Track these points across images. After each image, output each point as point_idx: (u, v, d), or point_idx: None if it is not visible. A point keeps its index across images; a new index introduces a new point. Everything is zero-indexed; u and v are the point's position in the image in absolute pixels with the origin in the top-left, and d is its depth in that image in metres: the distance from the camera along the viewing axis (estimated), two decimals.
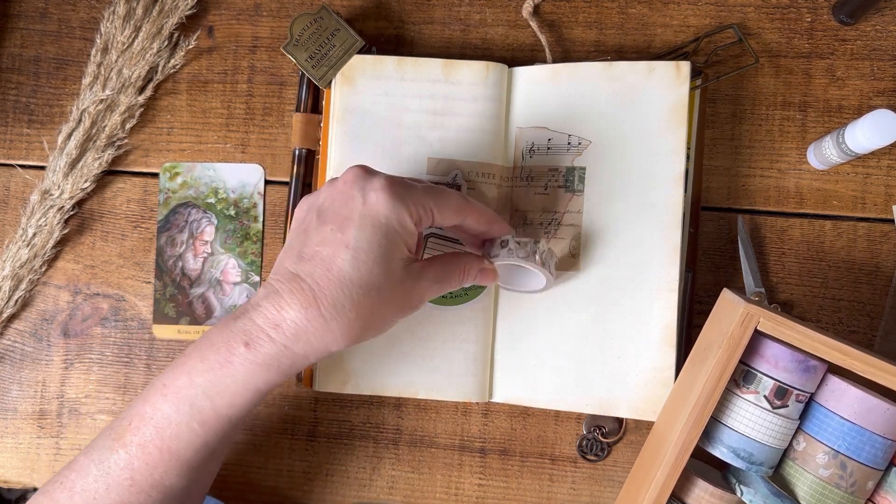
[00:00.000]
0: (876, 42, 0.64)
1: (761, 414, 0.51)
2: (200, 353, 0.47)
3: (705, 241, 0.63)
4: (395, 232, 0.47)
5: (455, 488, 0.63)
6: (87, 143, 0.65)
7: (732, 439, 0.52)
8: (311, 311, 0.46)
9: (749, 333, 0.50)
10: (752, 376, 0.52)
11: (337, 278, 0.46)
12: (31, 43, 0.68)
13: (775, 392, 0.51)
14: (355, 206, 0.47)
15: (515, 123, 0.62)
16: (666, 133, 0.59)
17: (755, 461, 0.52)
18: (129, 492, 0.47)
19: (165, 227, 0.66)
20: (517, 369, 0.61)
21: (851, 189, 0.63)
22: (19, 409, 0.65)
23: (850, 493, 0.51)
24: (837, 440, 0.51)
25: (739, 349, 0.50)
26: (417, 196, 0.49)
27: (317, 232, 0.48)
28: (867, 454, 0.50)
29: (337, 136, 0.62)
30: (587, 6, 0.65)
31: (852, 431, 0.50)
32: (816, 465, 0.51)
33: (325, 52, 0.62)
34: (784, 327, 0.49)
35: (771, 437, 0.51)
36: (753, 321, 0.49)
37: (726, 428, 0.52)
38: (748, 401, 0.52)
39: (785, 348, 0.51)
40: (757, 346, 0.52)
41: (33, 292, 0.66)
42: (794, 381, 0.51)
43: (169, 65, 0.66)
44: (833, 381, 0.52)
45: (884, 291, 0.62)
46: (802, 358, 0.51)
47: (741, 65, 0.64)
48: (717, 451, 0.53)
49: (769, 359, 0.51)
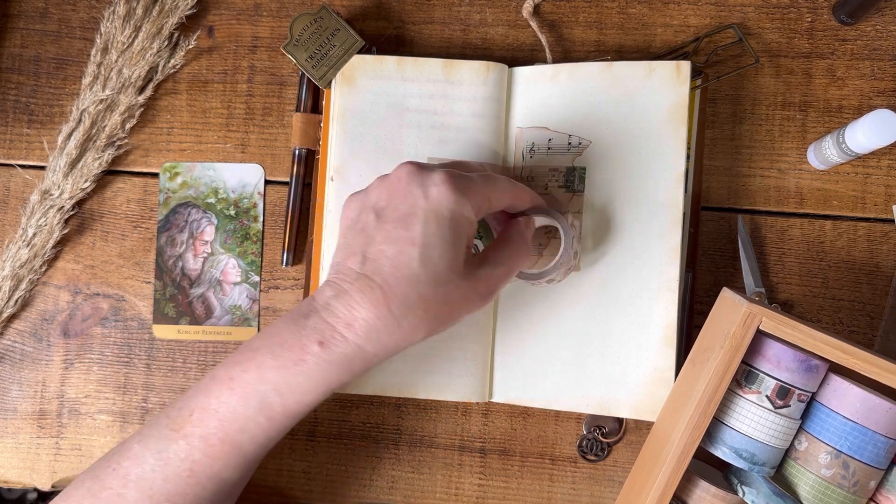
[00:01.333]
0: (876, 42, 0.64)
1: (763, 414, 0.51)
2: (270, 349, 0.47)
3: (705, 241, 0.63)
4: (460, 225, 0.47)
5: (455, 488, 0.63)
6: (87, 143, 0.65)
7: (734, 440, 0.52)
8: (382, 310, 0.46)
9: (751, 333, 0.49)
10: (753, 376, 0.52)
11: (405, 276, 0.46)
12: (32, 43, 0.68)
13: (777, 392, 0.51)
14: (417, 203, 0.47)
15: (515, 123, 0.62)
16: (666, 133, 0.59)
17: (757, 461, 0.51)
18: (186, 483, 0.47)
19: (165, 227, 0.66)
20: (517, 369, 0.61)
21: (852, 189, 0.63)
22: (19, 409, 0.65)
23: (853, 493, 0.51)
24: (840, 440, 0.51)
25: (742, 349, 0.50)
26: (476, 187, 0.49)
27: (378, 231, 0.47)
28: (869, 454, 0.50)
29: (337, 135, 0.62)
30: (587, 6, 0.65)
31: (854, 431, 0.50)
32: (819, 465, 0.51)
33: (326, 52, 0.62)
34: (786, 327, 0.49)
35: (773, 437, 0.51)
36: (756, 321, 0.49)
37: (728, 428, 0.52)
38: (750, 401, 0.52)
39: (787, 348, 0.51)
40: (758, 345, 0.52)
41: (33, 292, 0.66)
42: (796, 380, 0.51)
43: (169, 65, 0.66)
44: (835, 381, 0.52)
45: (884, 291, 0.62)
46: (804, 357, 0.51)
47: (741, 65, 0.64)
48: (718, 451, 0.53)
49: (771, 358, 0.51)
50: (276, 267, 0.65)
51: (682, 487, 0.55)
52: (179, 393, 0.65)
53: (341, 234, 0.51)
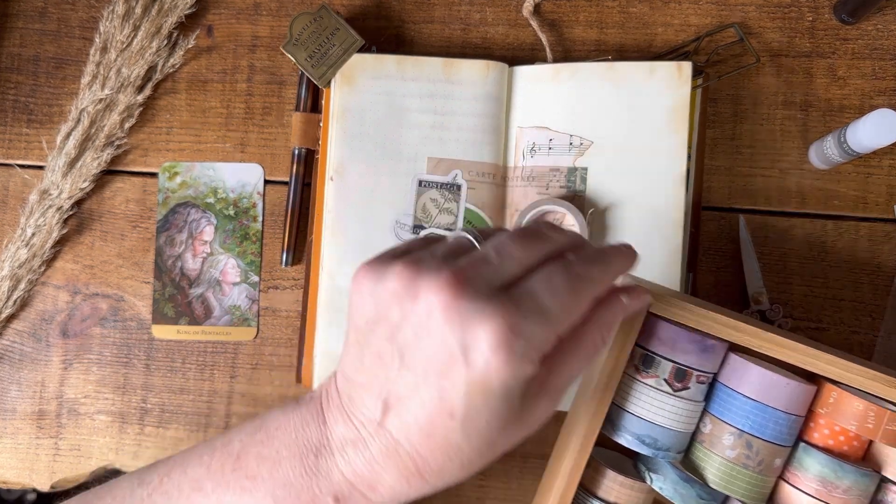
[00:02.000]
0: (877, 41, 0.63)
1: (663, 398, 0.50)
2: (271, 487, 0.39)
3: (706, 241, 0.63)
4: (516, 392, 0.36)
5: (455, 488, 0.63)
6: (86, 142, 0.65)
7: (636, 426, 0.51)
8: (414, 480, 0.37)
9: (641, 316, 0.49)
10: (650, 360, 0.51)
11: (442, 448, 0.37)
12: (30, 42, 0.67)
13: (675, 374, 0.50)
14: (456, 370, 0.35)
15: (516, 123, 0.62)
16: (667, 133, 0.59)
17: (661, 447, 0.51)
18: None
19: (164, 227, 0.66)
20: None
21: (853, 189, 0.63)
22: (18, 409, 0.65)
23: (759, 473, 0.50)
24: (742, 419, 0.50)
25: (633, 332, 0.49)
26: (536, 338, 0.36)
27: (399, 375, 0.37)
28: (771, 431, 0.50)
29: (337, 135, 0.62)
30: (588, 5, 0.65)
31: (755, 409, 0.50)
32: (723, 446, 0.51)
33: (325, 52, 0.62)
34: (675, 308, 0.49)
35: (675, 421, 0.51)
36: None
37: (629, 415, 0.52)
38: (649, 385, 0.51)
39: (681, 329, 0.50)
40: (655, 329, 0.51)
41: (32, 292, 0.66)
42: (693, 362, 0.50)
43: (168, 64, 0.65)
44: (733, 360, 0.51)
45: (885, 291, 0.62)
46: (699, 338, 0.50)
47: (742, 64, 0.64)
48: (621, 438, 0.52)
49: (666, 341, 0.50)
50: (275, 267, 0.65)
51: (591, 479, 0.54)
52: (178, 393, 0.65)
53: (351, 329, 0.39)
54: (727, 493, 0.50)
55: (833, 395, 0.50)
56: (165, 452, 0.64)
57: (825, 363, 0.49)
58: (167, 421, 0.65)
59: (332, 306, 0.61)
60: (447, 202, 0.61)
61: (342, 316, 0.61)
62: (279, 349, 0.65)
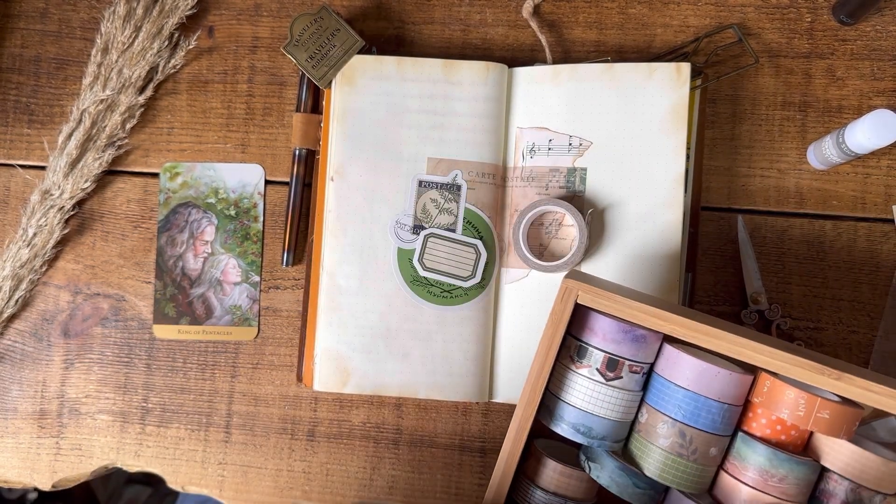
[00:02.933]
0: (876, 42, 0.64)
1: (595, 387, 0.51)
2: None
3: (705, 242, 0.63)
4: None
5: (455, 488, 0.63)
6: (87, 143, 0.65)
7: (571, 415, 0.52)
8: None
9: (570, 307, 0.50)
10: (583, 350, 0.52)
11: None
12: (32, 43, 0.68)
13: (606, 364, 0.51)
14: None
15: (516, 123, 0.62)
16: (666, 134, 0.59)
17: (595, 436, 0.51)
18: None
19: (166, 227, 0.66)
20: (517, 369, 0.61)
21: (851, 189, 0.63)
22: (19, 408, 0.65)
23: (693, 461, 0.50)
24: (674, 408, 0.50)
25: (563, 323, 0.50)
26: None
27: None
28: (704, 420, 0.50)
29: (337, 136, 0.62)
30: (587, 6, 0.65)
31: (687, 398, 0.50)
32: (658, 435, 0.51)
33: (326, 53, 0.62)
34: (602, 298, 0.50)
35: (608, 410, 0.51)
36: (573, 295, 0.50)
37: (565, 404, 0.52)
38: (582, 375, 0.52)
39: (610, 320, 0.51)
40: (587, 320, 0.52)
41: (33, 292, 0.66)
42: (624, 351, 0.51)
43: (169, 65, 0.66)
44: (667, 350, 0.52)
45: (884, 291, 0.62)
46: (628, 328, 0.51)
47: (741, 65, 0.64)
48: (558, 427, 0.53)
49: (597, 332, 0.51)
50: (276, 267, 0.65)
51: (535, 469, 0.55)
52: (179, 393, 0.65)
53: None
54: (664, 482, 0.51)
55: (767, 383, 0.50)
56: (167, 452, 0.65)
57: (752, 351, 0.49)
58: (168, 420, 0.65)
59: (332, 306, 0.61)
60: (447, 202, 0.61)
61: (342, 316, 0.61)
62: (280, 349, 0.65)
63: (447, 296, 0.61)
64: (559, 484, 0.54)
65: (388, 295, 0.61)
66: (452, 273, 0.61)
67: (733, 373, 0.50)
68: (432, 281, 0.61)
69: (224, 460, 0.64)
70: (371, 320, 0.61)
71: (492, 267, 0.62)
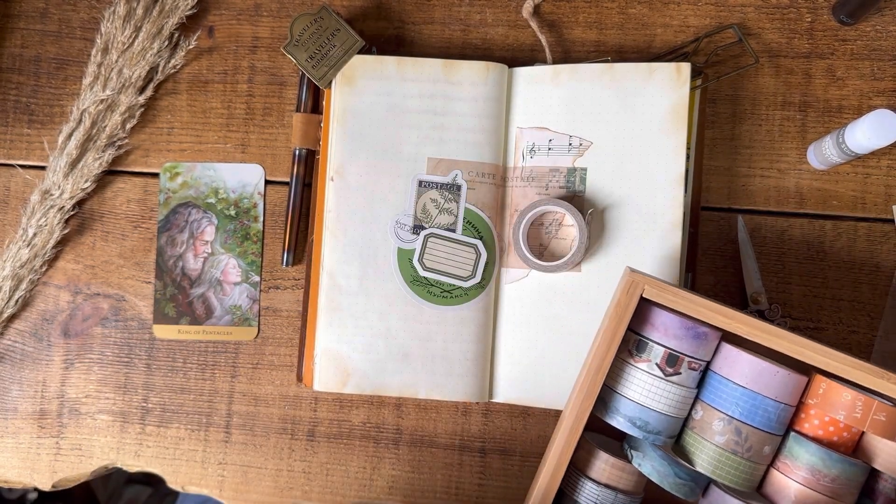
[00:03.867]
0: (876, 42, 0.64)
1: (654, 382, 0.52)
2: None
3: (705, 242, 0.63)
4: None
5: (455, 488, 0.63)
6: (87, 143, 0.65)
7: (628, 408, 0.52)
8: None
9: (635, 300, 0.50)
10: (643, 345, 0.52)
11: None
12: (32, 43, 0.68)
13: (666, 359, 0.51)
14: None
15: (516, 123, 0.62)
16: (666, 134, 0.59)
17: (651, 430, 0.52)
18: None
19: (166, 227, 0.66)
20: (517, 369, 0.61)
21: (851, 189, 0.63)
22: (19, 408, 0.66)
23: (747, 459, 0.51)
24: (731, 406, 0.51)
25: (626, 316, 0.51)
26: None
27: None
28: (760, 418, 0.51)
29: (337, 136, 0.62)
30: (587, 6, 0.65)
31: (745, 396, 0.51)
32: (713, 432, 0.52)
33: (326, 53, 0.62)
34: (668, 293, 0.50)
35: (666, 405, 0.52)
36: (639, 288, 0.50)
37: (622, 397, 0.53)
38: (641, 369, 0.52)
39: (673, 315, 0.51)
40: (648, 315, 0.52)
41: (34, 292, 0.66)
42: (685, 348, 0.51)
43: (169, 65, 0.66)
44: (725, 348, 0.53)
45: (884, 291, 0.62)
46: (691, 324, 0.51)
47: (741, 65, 0.64)
48: (614, 420, 0.53)
49: (659, 327, 0.52)
50: (276, 267, 0.65)
51: (585, 462, 0.55)
52: (179, 393, 0.65)
53: None
54: (716, 478, 0.51)
55: (822, 385, 0.51)
56: (167, 452, 0.65)
57: (813, 352, 0.50)
58: (168, 420, 0.65)
59: (332, 306, 0.61)
60: (447, 202, 0.61)
61: (342, 316, 0.61)
62: (280, 349, 0.65)
63: (447, 296, 0.61)
64: (611, 476, 0.55)
65: (388, 295, 0.61)
66: (452, 273, 0.61)
67: (792, 373, 0.50)
68: (432, 281, 0.61)
69: (224, 460, 0.64)
70: (371, 320, 0.61)
71: (492, 267, 0.62)
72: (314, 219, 0.63)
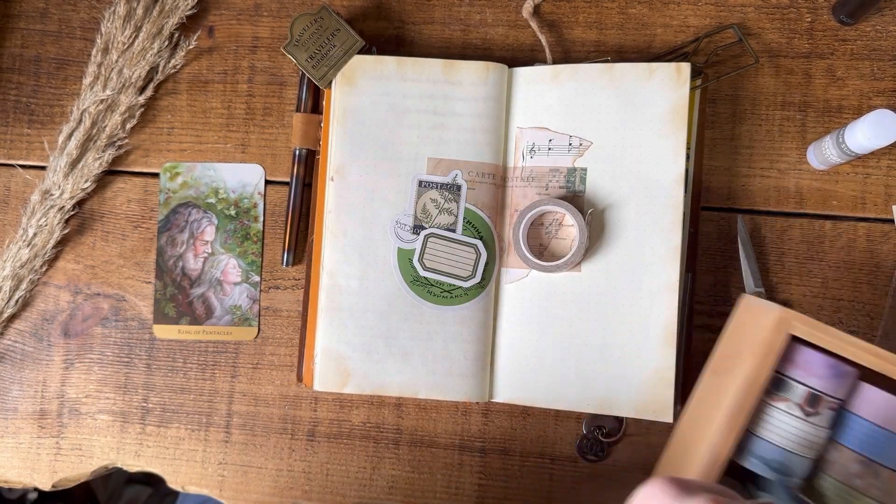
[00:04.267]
0: (876, 42, 0.64)
1: (793, 422, 0.49)
2: None
3: (705, 242, 0.63)
4: None
5: (455, 488, 0.63)
6: (87, 143, 0.65)
7: (764, 450, 0.49)
8: None
9: (783, 339, 0.47)
10: (783, 383, 0.49)
11: None
12: (32, 43, 0.68)
13: (809, 400, 0.49)
14: None
15: (516, 123, 0.62)
16: (666, 134, 0.59)
17: (789, 472, 0.49)
18: None
19: (166, 227, 0.66)
20: (517, 369, 0.61)
21: (851, 189, 0.63)
22: (20, 408, 0.66)
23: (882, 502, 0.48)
24: (869, 447, 0.49)
25: (772, 355, 0.47)
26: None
27: None
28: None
29: (337, 136, 0.62)
30: (587, 6, 0.66)
31: (883, 437, 0.48)
32: (849, 474, 0.49)
33: (326, 53, 0.62)
34: (821, 332, 0.47)
35: (804, 447, 0.49)
36: (787, 326, 0.47)
37: (756, 438, 0.50)
38: (779, 409, 0.49)
39: (818, 353, 0.48)
40: (787, 351, 0.49)
41: (34, 292, 0.66)
42: (827, 387, 0.49)
43: (169, 65, 0.66)
44: (864, 388, 0.50)
45: (884, 291, 0.62)
46: (835, 363, 0.48)
47: (741, 65, 0.64)
48: (748, 462, 0.50)
49: (801, 365, 0.49)
50: (276, 267, 0.65)
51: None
52: (180, 393, 0.65)
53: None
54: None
55: None
56: (167, 452, 0.65)
57: None
58: (168, 420, 0.65)
59: (332, 306, 0.61)
60: (447, 202, 0.62)
61: (342, 316, 0.61)
62: (280, 349, 0.65)
63: (447, 296, 0.61)
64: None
65: (388, 295, 0.61)
66: (452, 273, 0.61)
67: None
68: (432, 281, 0.61)
69: (224, 460, 0.64)
70: (371, 320, 0.61)
71: (492, 267, 0.62)
72: (314, 219, 0.63)
